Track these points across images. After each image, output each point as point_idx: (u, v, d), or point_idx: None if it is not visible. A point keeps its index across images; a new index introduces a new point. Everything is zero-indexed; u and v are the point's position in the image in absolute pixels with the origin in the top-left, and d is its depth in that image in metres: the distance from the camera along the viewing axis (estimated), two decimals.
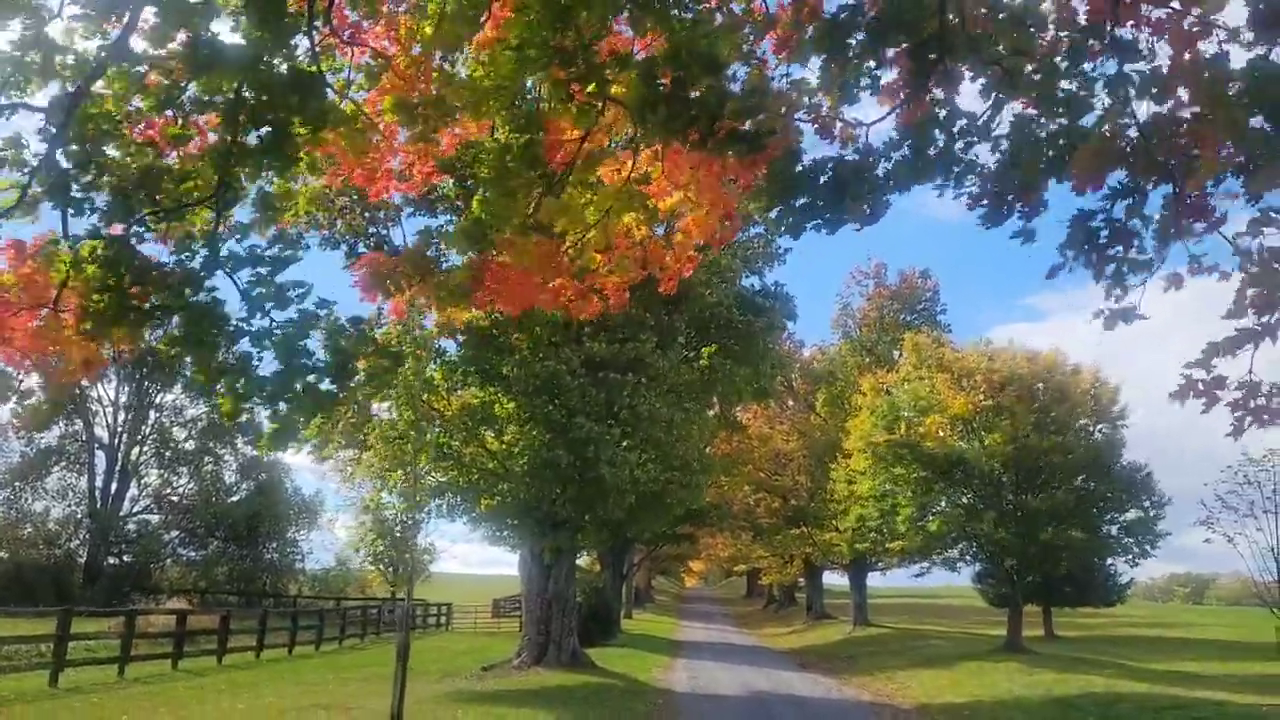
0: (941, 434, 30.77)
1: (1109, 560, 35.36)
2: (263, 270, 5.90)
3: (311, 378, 5.86)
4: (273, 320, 5.95)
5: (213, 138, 5.76)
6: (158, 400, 58.08)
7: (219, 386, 6.06)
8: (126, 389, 57.90)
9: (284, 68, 5.12)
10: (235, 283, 6.03)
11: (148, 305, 5.77)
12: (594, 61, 5.48)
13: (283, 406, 5.95)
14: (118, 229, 5.91)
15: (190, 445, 60.65)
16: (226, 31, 5.26)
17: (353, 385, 6.07)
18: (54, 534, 55.43)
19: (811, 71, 5.89)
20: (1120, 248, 6.11)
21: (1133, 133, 5.63)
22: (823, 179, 5.83)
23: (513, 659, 24.55)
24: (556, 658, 23.75)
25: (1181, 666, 25.76)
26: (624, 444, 21.13)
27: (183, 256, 6.05)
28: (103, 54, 5.27)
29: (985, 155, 6.25)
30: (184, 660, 23.63)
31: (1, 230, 6.80)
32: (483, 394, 21.91)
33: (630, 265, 6.06)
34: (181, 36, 5.10)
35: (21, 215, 5.71)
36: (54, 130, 5.33)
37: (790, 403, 54.36)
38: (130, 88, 5.46)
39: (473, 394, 22.07)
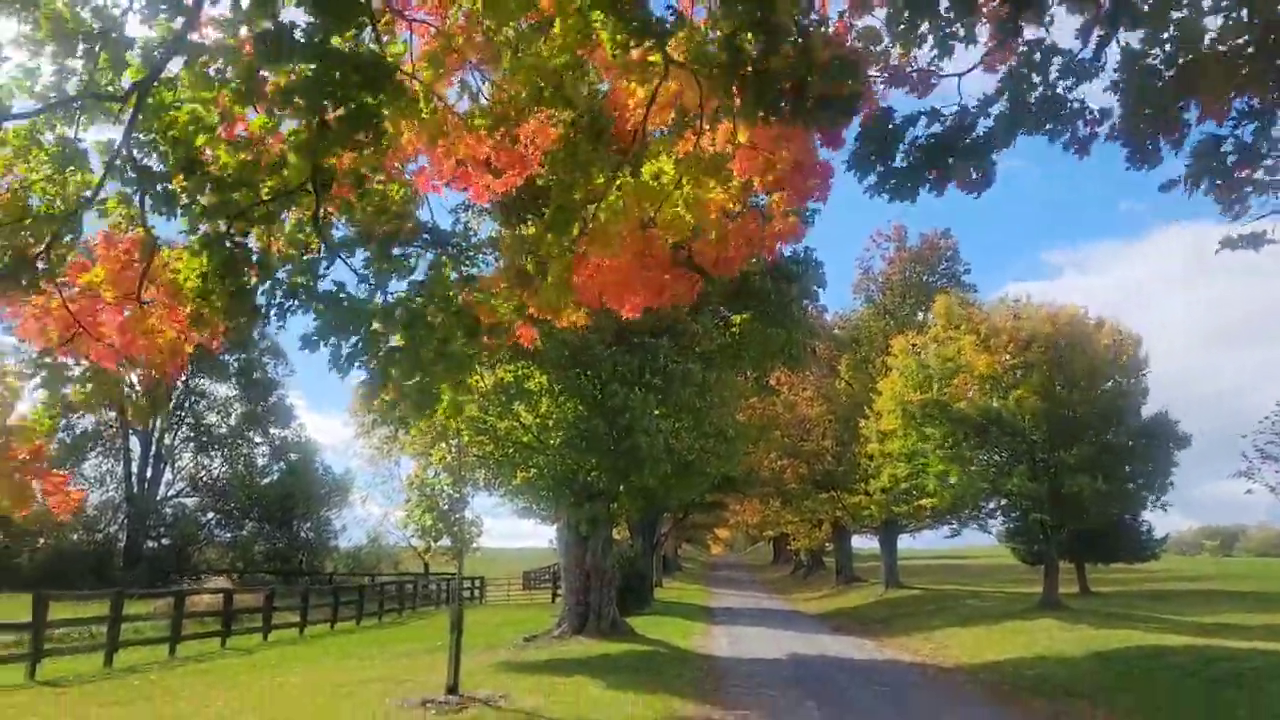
0: (971, 394, 30.71)
1: (1139, 514, 35.29)
2: (375, 249, 5.94)
3: (438, 343, 5.88)
4: (394, 295, 6.00)
5: (291, 124, 5.79)
6: (190, 384, 58.68)
7: (360, 368, 6.12)
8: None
9: (351, 49, 5.13)
10: (349, 265, 6.09)
11: (277, 299, 5.83)
12: (649, 19, 5.42)
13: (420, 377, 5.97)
14: (220, 226, 5.98)
15: (223, 429, 61.36)
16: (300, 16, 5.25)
17: (483, 340, 6.07)
18: (93, 519, 56.24)
19: (881, 20, 5.75)
20: (1248, 171, 5.92)
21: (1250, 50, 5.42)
22: (921, 139, 5.76)
23: (553, 629, 24.79)
24: (597, 627, 23.97)
25: (1222, 618, 25.74)
26: (657, 412, 21.18)
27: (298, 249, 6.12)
28: (169, 46, 5.31)
29: (1090, 96, 6.06)
30: (230, 638, 24.03)
31: (85, 230, 6.91)
32: (514, 368, 21.99)
33: (730, 238, 6.02)
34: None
35: (106, 214, 5.80)
36: (127, 121, 5.39)
37: (813, 368, 54.25)
38: (204, 82, 5.50)
39: (505, 369, 22.15)
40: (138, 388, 9.71)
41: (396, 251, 6.06)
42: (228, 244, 6.06)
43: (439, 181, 7.20)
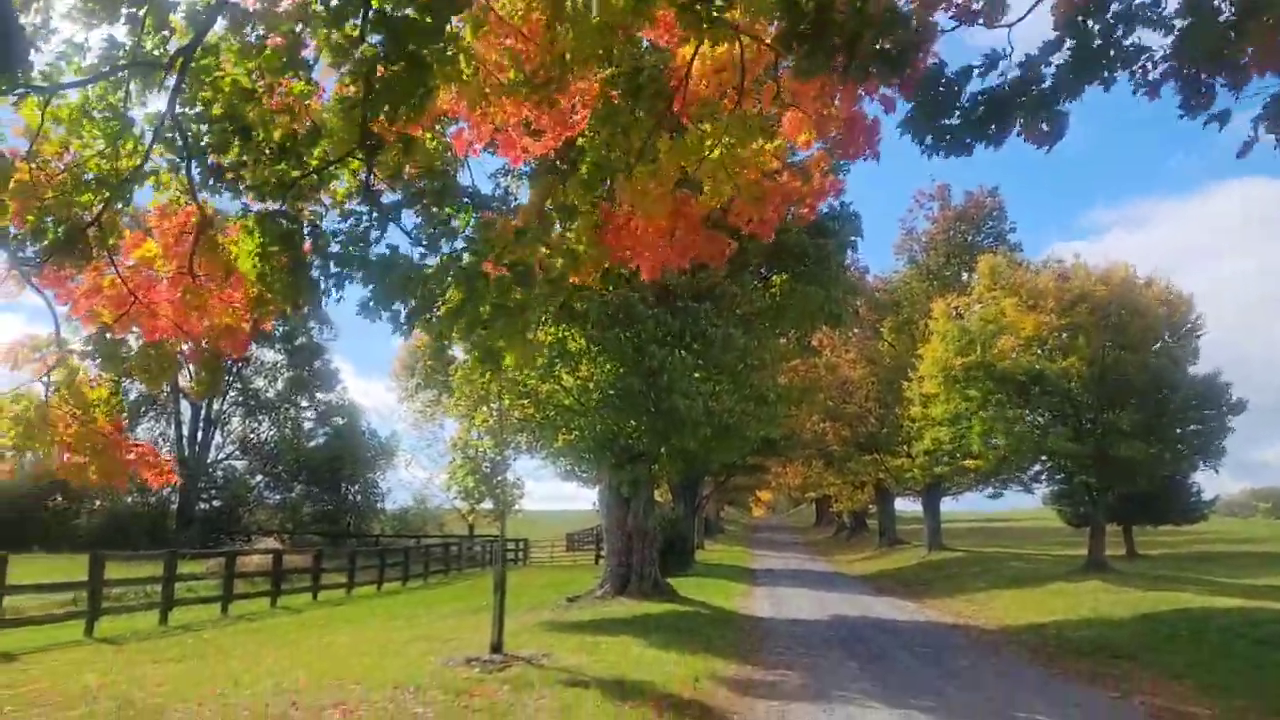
0: (1015, 354, 30.35)
1: (1188, 475, 34.81)
2: (424, 210, 5.98)
3: (496, 295, 5.91)
4: (446, 254, 6.04)
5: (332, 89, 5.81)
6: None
7: (417, 328, 6.18)
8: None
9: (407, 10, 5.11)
10: (401, 229, 6.14)
11: (331, 270, 5.90)
12: None
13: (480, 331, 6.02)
14: (271, 202, 6.04)
15: (271, 394, 62.42)
16: None
17: (537, 288, 6.10)
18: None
19: None
20: None
21: None
22: (982, 93, 5.62)
23: (596, 590, 25.03)
24: (639, 588, 24.16)
25: (1273, 580, 25.38)
26: (698, 375, 21.16)
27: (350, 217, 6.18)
28: (213, 8, 5.34)
29: (1151, 39, 5.85)
30: (280, 598, 24.58)
31: (138, 204, 7.01)
32: (556, 331, 22.04)
33: (769, 198, 5.95)
34: None
35: (158, 187, 5.88)
36: (172, 88, 5.44)
37: (856, 330, 53.83)
38: (246, 50, 5.53)
39: (546, 331, 22.21)
40: (195, 364, 9.88)
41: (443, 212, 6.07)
42: (281, 220, 6.11)
43: (479, 145, 7.21)
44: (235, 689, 11.03)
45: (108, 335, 7.36)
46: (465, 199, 6.52)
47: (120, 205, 7.08)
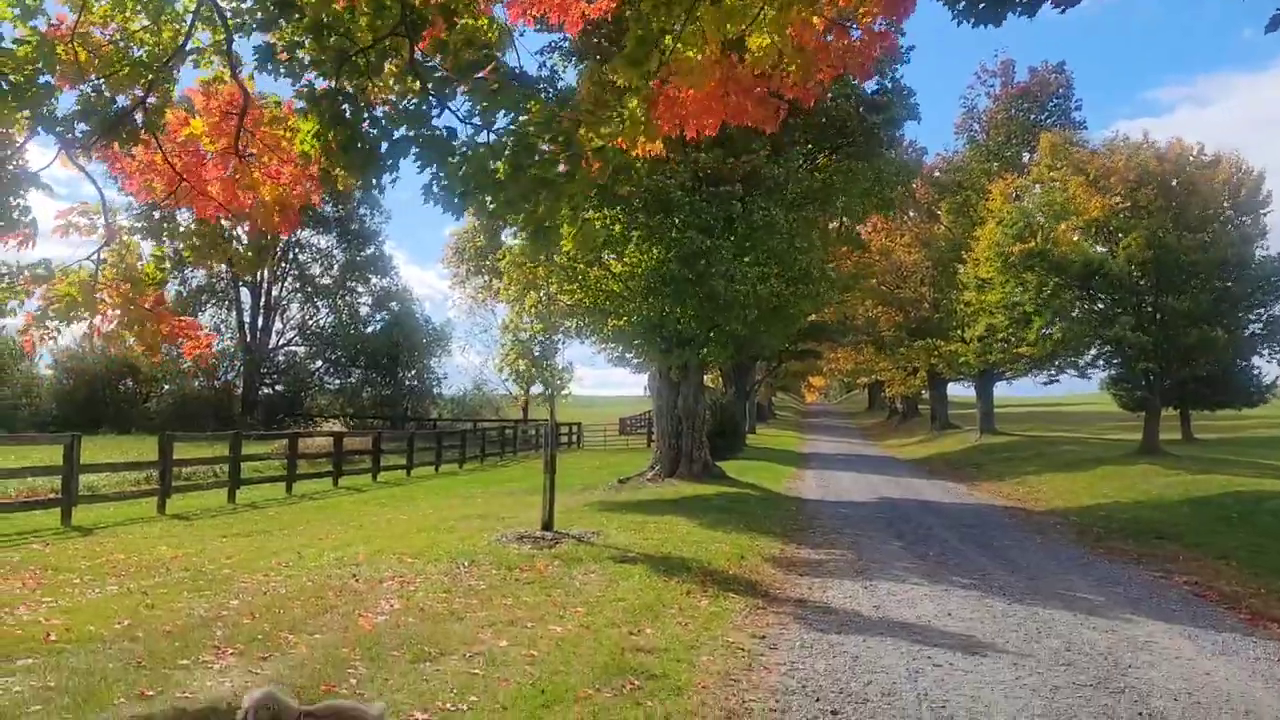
0: (1076, 239, 29.62)
1: (1249, 359, 34.07)
2: (472, 85, 5.93)
3: (540, 169, 5.91)
4: (496, 133, 6.02)
5: None
6: (295, 237, 60.45)
7: (470, 211, 6.22)
8: None
9: None
10: (452, 111, 6.11)
11: (389, 147, 5.92)
12: None
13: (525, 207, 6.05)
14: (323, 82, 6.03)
15: (327, 280, 63.33)
16: None
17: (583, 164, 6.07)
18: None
19: None
20: None
21: None
22: None
23: (646, 472, 25.49)
24: (689, 470, 24.56)
25: None
26: (746, 259, 21.02)
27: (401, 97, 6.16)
28: None
29: None
30: (342, 478, 25.42)
31: (184, 83, 7.04)
32: (600, 215, 21.94)
33: (816, 61, 5.77)
34: None
35: (196, 64, 5.90)
36: None
37: (912, 213, 52.82)
38: None
39: (592, 215, 22.11)
40: (244, 240, 10.04)
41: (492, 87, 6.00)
42: (337, 98, 6.11)
43: (534, 13, 7.10)
44: (299, 561, 11.55)
45: (157, 212, 7.52)
46: (513, 80, 6.44)
47: (166, 85, 7.12)
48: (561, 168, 5.96)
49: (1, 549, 12.37)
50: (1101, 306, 30.59)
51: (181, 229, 8.64)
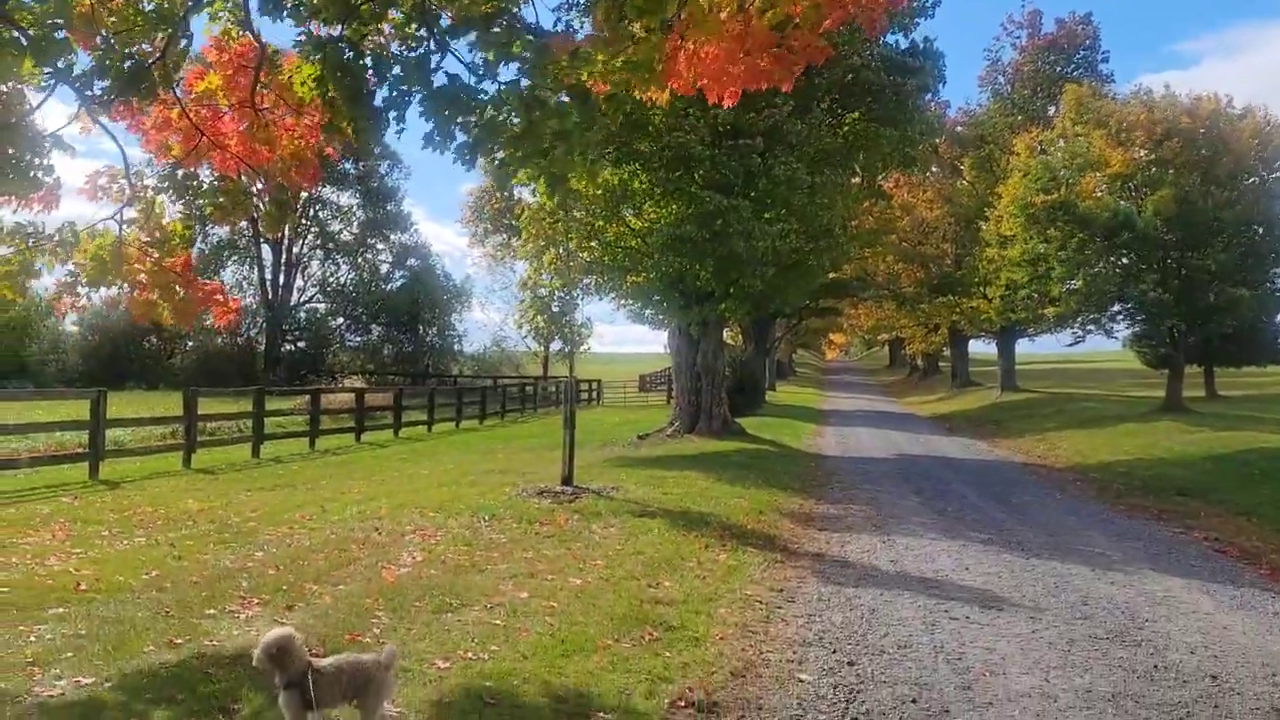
0: (1100, 194, 29.19)
1: (1275, 316, 33.64)
2: (480, 32, 5.87)
3: (555, 121, 5.87)
4: (502, 81, 5.98)
5: None
6: (313, 193, 60.55)
7: (479, 162, 6.20)
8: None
9: None
10: (458, 58, 6.07)
11: (393, 97, 5.89)
12: None
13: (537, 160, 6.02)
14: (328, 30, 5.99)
15: (347, 237, 63.50)
16: None
17: (593, 111, 6.03)
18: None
19: None
20: None
21: None
22: None
23: (666, 428, 25.59)
24: (708, 426, 24.62)
25: None
26: (765, 215, 20.88)
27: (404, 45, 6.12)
28: None
29: None
30: (364, 434, 25.65)
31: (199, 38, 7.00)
32: (620, 171, 21.81)
33: (823, 9, 5.66)
34: None
35: (210, 16, 5.86)
36: None
37: (934, 169, 52.20)
38: None
39: (611, 172, 22.01)
40: (265, 199, 10.06)
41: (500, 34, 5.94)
42: (341, 45, 6.07)
43: None
44: (323, 515, 11.70)
45: (179, 171, 7.53)
46: (528, 34, 6.38)
47: (183, 41, 7.09)
48: (575, 118, 5.92)
49: (31, 501, 12.59)
50: (1125, 263, 30.24)
51: (204, 187, 8.66)
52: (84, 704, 4.87)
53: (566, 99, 6.03)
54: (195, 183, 8.43)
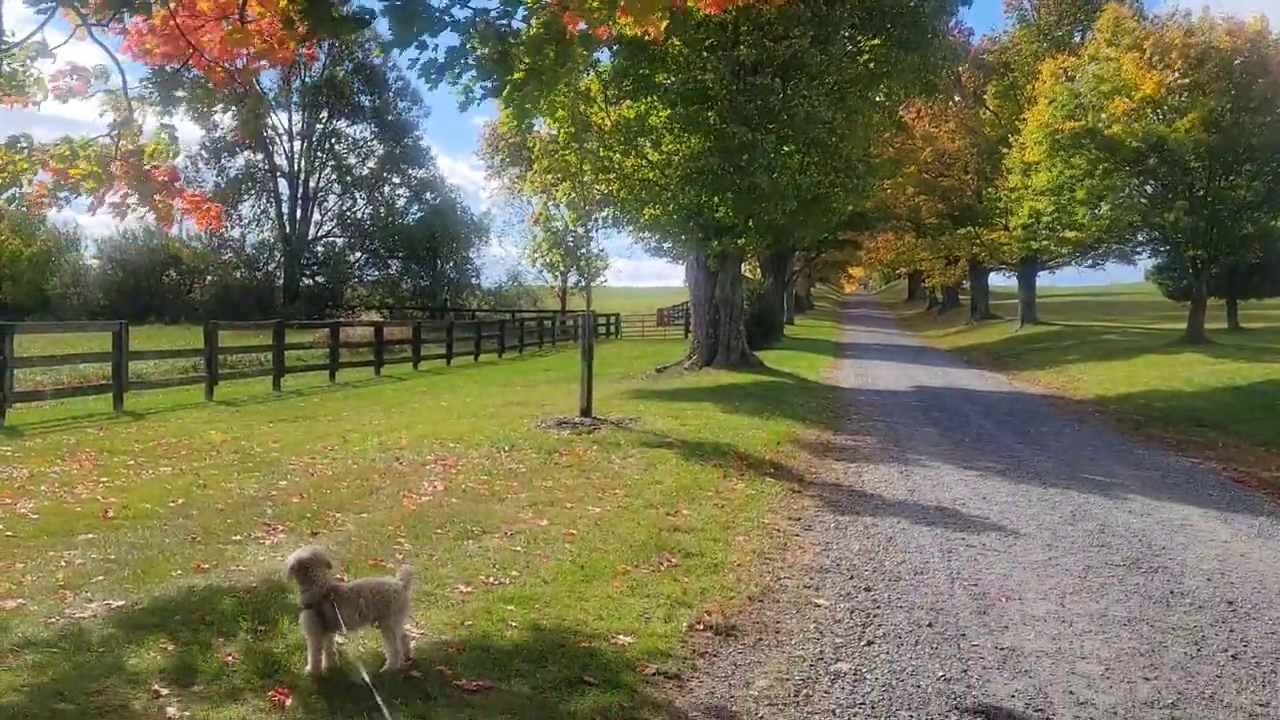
0: (1128, 119, 28.59)
1: None
2: None
3: (530, 59, 5.80)
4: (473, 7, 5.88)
5: None
6: (331, 127, 60.24)
7: (445, 82, 6.12)
8: (301, 118, 60.01)
9: None
10: None
11: (345, 10, 5.81)
12: None
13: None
14: None
15: (364, 171, 63.27)
16: None
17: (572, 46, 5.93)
18: (253, 257, 59.99)
19: None
20: None
21: None
22: None
23: (684, 361, 25.60)
24: (726, 359, 24.60)
25: None
26: (785, 149, 20.59)
27: None
28: None
29: None
30: (383, 367, 25.80)
31: None
32: (638, 105, 21.50)
33: None
34: None
35: None
36: None
37: (957, 98, 51.24)
38: None
39: (628, 106, 21.70)
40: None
41: None
42: None
43: None
44: (344, 445, 11.83)
45: (163, 73, 7.52)
46: None
47: None
48: (551, 54, 5.84)
49: (58, 432, 12.79)
50: (1151, 190, 29.77)
51: (183, 93, 8.60)
52: (118, 622, 4.99)
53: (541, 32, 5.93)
54: (175, 87, 8.37)
